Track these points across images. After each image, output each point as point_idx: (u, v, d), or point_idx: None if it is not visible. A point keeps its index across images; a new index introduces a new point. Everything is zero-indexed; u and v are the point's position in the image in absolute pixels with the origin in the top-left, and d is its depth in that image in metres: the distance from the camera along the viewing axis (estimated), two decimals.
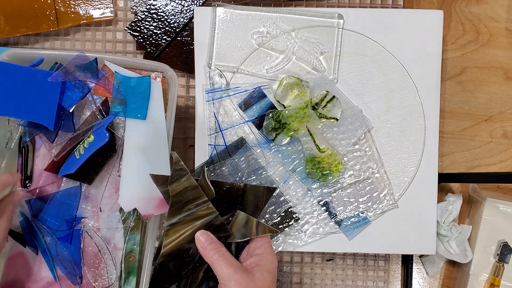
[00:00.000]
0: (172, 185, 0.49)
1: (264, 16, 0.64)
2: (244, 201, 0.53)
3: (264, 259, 0.47)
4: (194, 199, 0.48)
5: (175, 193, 0.48)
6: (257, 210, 0.54)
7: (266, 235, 0.50)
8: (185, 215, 0.48)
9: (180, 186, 0.48)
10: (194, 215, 0.48)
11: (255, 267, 0.46)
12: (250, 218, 0.50)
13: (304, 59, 0.64)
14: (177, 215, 0.48)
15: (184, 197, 0.48)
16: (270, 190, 0.55)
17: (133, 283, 0.59)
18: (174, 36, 0.67)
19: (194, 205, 0.48)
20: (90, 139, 0.56)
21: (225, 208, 0.52)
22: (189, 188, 0.48)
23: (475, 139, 0.71)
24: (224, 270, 0.45)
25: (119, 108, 0.59)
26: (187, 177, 0.49)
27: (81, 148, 0.56)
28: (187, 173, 0.49)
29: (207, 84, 0.63)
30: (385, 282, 0.70)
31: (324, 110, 0.61)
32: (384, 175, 0.64)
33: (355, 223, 0.63)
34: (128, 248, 0.59)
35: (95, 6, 0.67)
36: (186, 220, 0.48)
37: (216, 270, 0.45)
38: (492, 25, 0.71)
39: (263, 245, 0.49)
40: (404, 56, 0.64)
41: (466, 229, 0.66)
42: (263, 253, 0.48)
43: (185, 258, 0.48)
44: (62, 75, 0.57)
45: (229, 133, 0.63)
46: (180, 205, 0.48)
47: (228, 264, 0.45)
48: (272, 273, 0.47)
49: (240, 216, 0.51)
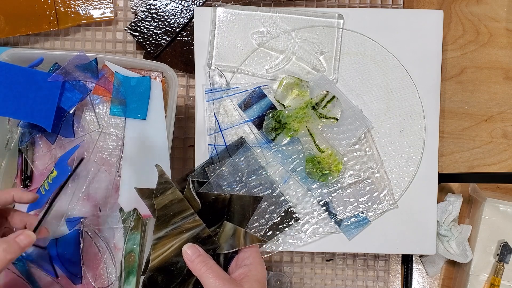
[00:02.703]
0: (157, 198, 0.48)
1: (264, 16, 0.64)
2: (230, 212, 0.53)
3: (253, 270, 0.47)
4: (180, 212, 0.48)
5: (161, 207, 0.48)
6: (244, 220, 0.53)
7: (254, 245, 0.49)
8: (172, 228, 0.48)
9: (166, 199, 0.48)
10: (181, 228, 0.48)
11: (244, 278, 0.46)
12: (237, 228, 0.50)
13: (304, 59, 0.64)
14: (164, 228, 0.48)
15: (170, 210, 0.48)
16: (256, 200, 0.54)
17: (133, 283, 0.59)
18: (174, 36, 0.67)
19: (180, 218, 0.48)
20: (54, 174, 0.55)
21: (212, 220, 0.51)
22: (175, 201, 0.48)
23: (475, 139, 0.71)
24: (212, 283, 0.44)
25: (119, 108, 0.59)
26: (172, 190, 0.48)
27: (46, 184, 0.56)
28: (172, 185, 0.48)
29: (207, 84, 0.63)
30: (385, 282, 0.70)
31: (324, 110, 0.61)
32: (384, 175, 0.64)
33: (355, 223, 0.63)
34: (128, 248, 0.59)
35: (95, 6, 0.67)
36: (173, 233, 0.48)
37: (204, 283, 0.45)
38: (492, 25, 0.71)
39: (251, 255, 0.48)
40: (404, 56, 0.64)
41: (466, 229, 0.66)
42: (251, 264, 0.47)
43: (174, 272, 0.48)
44: (62, 76, 0.57)
45: (229, 133, 0.63)
46: (166, 219, 0.48)
47: (217, 277, 0.44)
48: (262, 283, 0.46)
49: (227, 227, 0.50)
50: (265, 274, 0.47)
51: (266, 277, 0.48)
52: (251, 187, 0.62)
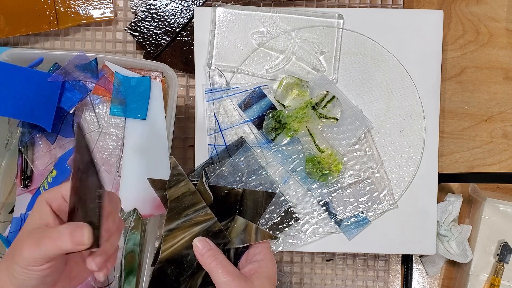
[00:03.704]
0: (170, 190, 0.48)
1: (264, 16, 0.64)
2: (243, 207, 0.52)
3: (263, 266, 0.46)
4: (192, 205, 0.48)
5: (173, 199, 0.48)
6: (257, 215, 0.53)
7: (265, 241, 0.49)
8: (183, 220, 0.48)
9: (178, 191, 0.48)
10: (192, 221, 0.48)
11: (254, 274, 0.45)
12: (249, 223, 0.49)
13: (304, 59, 0.64)
14: (175, 220, 0.48)
15: (182, 202, 0.48)
16: (269, 196, 0.54)
17: (133, 283, 0.59)
18: (174, 36, 0.67)
19: (192, 211, 0.48)
20: (53, 174, 0.55)
21: (223, 214, 0.51)
22: (187, 194, 0.48)
23: (475, 139, 0.71)
24: (221, 278, 0.44)
25: (119, 108, 0.59)
26: (185, 182, 0.48)
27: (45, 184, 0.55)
28: (185, 178, 0.48)
29: (207, 84, 0.63)
30: (385, 282, 0.70)
31: (324, 110, 0.61)
32: (384, 175, 0.64)
33: (355, 223, 0.63)
34: (128, 248, 0.59)
35: (95, 6, 0.67)
36: (184, 225, 0.48)
37: (214, 277, 0.45)
38: (492, 25, 0.71)
39: (262, 251, 0.48)
40: (404, 56, 0.64)
41: (466, 229, 0.66)
42: (262, 260, 0.47)
43: (184, 264, 0.48)
44: (62, 76, 0.57)
45: (229, 133, 0.63)
46: (178, 211, 0.48)
47: (226, 272, 0.44)
48: (272, 280, 0.46)
49: (239, 221, 0.50)
50: (275, 271, 0.47)
51: (276, 274, 0.47)
52: (251, 187, 0.62)
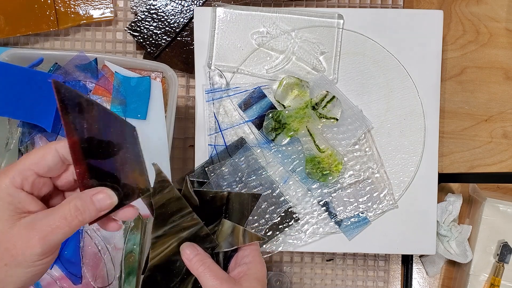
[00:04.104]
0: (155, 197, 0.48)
1: (264, 16, 0.64)
2: (229, 210, 0.52)
3: (252, 268, 0.46)
4: (178, 210, 0.48)
5: (159, 205, 0.48)
6: (243, 218, 0.52)
7: (254, 243, 0.49)
8: (170, 227, 0.48)
9: (163, 198, 0.48)
10: (179, 227, 0.48)
11: (243, 277, 0.45)
12: (236, 226, 0.49)
13: (304, 59, 0.64)
14: (162, 227, 0.48)
15: (168, 208, 0.48)
16: (255, 197, 0.53)
17: (133, 283, 0.59)
18: (174, 36, 0.67)
19: (178, 217, 0.48)
20: None
21: (210, 218, 0.51)
22: (173, 200, 0.48)
23: (475, 139, 0.71)
24: (210, 282, 0.44)
25: (119, 108, 0.59)
26: (169, 189, 0.48)
27: None
28: (170, 184, 0.48)
29: (207, 84, 0.63)
30: (385, 282, 0.70)
31: (324, 110, 0.61)
32: (384, 175, 0.64)
33: (355, 223, 0.63)
34: (128, 248, 0.59)
35: (95, 6, 0.67)
36: (172, 232, 0.48)
37: (202, 282, 0.45)
38: (492, 25, 0.71)
39: (251, 254, 0.48)
40: (404, 56, 0.64)
41: (466, 229, 0.66)
42: (251, 262, 0.47)
43: (173, 271, 0.48)
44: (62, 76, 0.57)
45: (229, 133, 0.63)
46: (164, 217, 0.48)
47: (214, 276, 0.44)
48: (261, 282, 0.46)
49: (226, 225, 0.50)
50: (265, 272, 0.47)
51: (266, 275, 0.47)
52: (251, 187, 0.62)
